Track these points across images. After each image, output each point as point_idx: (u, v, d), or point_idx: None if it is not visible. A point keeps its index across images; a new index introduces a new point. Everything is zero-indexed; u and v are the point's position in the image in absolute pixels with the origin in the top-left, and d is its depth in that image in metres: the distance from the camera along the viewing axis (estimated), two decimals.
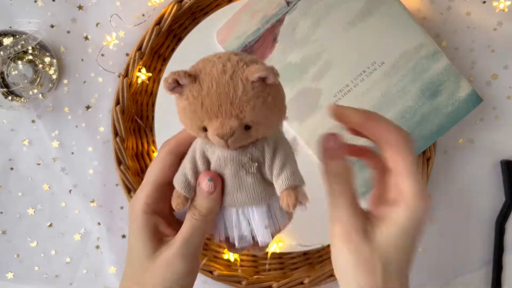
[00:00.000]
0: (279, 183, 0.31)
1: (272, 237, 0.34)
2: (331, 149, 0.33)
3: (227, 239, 0.35)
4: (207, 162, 0.32)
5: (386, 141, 0.32)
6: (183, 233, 0.33)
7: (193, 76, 0.29)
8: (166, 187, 0.34)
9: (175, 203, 0.32)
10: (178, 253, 0.32)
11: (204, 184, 0.32)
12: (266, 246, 0.36)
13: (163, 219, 0.35)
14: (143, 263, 0.33)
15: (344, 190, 0.32)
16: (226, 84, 0.28)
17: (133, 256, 0.34)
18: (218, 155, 0.31)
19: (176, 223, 0.35)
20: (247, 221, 0.33)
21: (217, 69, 0.28)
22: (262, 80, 0.28)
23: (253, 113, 0.28)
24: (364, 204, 0.34)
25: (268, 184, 0.32)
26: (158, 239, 0.34)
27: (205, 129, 0.30)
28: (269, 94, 0.29)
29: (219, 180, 0.32)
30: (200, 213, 0.32)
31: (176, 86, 0.29)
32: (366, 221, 0.32)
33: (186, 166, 0.33)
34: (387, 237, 0.31)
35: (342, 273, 0.32)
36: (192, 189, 0.33)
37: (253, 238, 0.34)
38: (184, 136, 0.35)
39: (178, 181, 0.33)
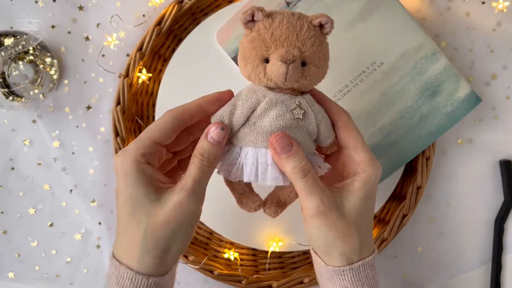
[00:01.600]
0: (324, 139, 0.38)
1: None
2: (286, 147, 0.35)
3: (247, 185, 0.39)
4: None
5: (338, 120, 0.37)
6: (194, 176, 0.35)
7: (267, 13, 0.34)
8: (161, 147, 0.36)
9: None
10: (191, 195, 0.34)
11: (216, 133, 0.35)
12: (284, 205, 0.40)
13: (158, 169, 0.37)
14: (148, 209, 0.34)
15: (312, 180, 0.36)
16: (295, 21, 0.34)
17: (132, 205, 0.35)
18: (270, 96, 0.35)
19: (170, 172, 0.39)
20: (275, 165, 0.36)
21: (287, 12, 0.35)
22: (321, 28, 0.35)
23: (311, 49, 0.34)
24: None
25: (302, 135, 0.36)
26: (157, 186, 0.35)
27: (266, 61, 0.34)
28: (324, 41, 0.36)
29: (227, 130, 0.36)
30: (209, 160, 0.35)
31: (250, 20, 0.34)
32: (335, 198, 0.36)
33: (243, 108, 0.36)
34: (354, 204, 0.36)
35: (322, 247, 0.37)
36: (238, 124, 0.36)
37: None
38: (190, 106, 0.37)
39: (221, 116, 0.36)
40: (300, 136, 0.36)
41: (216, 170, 0.37)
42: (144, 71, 0.54)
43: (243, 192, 0.39)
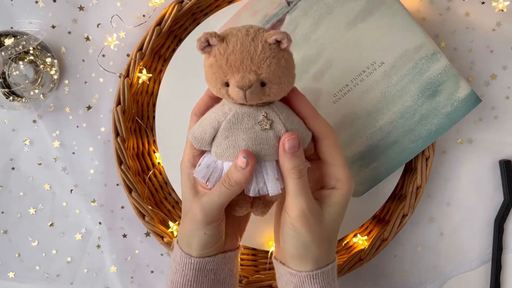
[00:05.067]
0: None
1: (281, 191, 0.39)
2: (294, 147, 0.37)
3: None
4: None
5: (325, 139, 0.39)
6: (210, 194, 0.39)
7: (221, 37, 0.34)
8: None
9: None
10: (199, 207, 0.39)
11: (239, 160, 0.37)
12: (270, 204, 0.42)
13: None
14: (189, 202, 0.41)
15: (304, 182, 0.38)
16: (248, 44, 0.34)
17: (184, 198, 0.43)
18: (236, 110, 0.36)
19: None
20: (262, 173, 0.38)
21: (241, 33, 0.34)
22: (278, 44, 0.34)
23: (268, 70, 0.34)
24: None
25: (276, 143, 0.37)
26: (197, 190, 0.41)
27: (227, 84, 0.35)
28: (283, 57, 0.35)
29: (252, 159, 0.37)
30: (230, 183, 0.38)
31: (206, 46, 0.34)
32: (316, 205, 0.39)
33: (205, 126, 0.38)
34: (332, 215, 0.40)
35: (298, 250, 0.39)
36: (205, 144, 0.38)
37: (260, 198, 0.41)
38: (201, 101, 0.41)
39: (195, 138, 0.39)
40: (272, 147, 0.37)
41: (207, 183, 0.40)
42: (144, 71, 0.54)
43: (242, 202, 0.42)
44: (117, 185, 0.57)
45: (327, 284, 0.40)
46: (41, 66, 0.54)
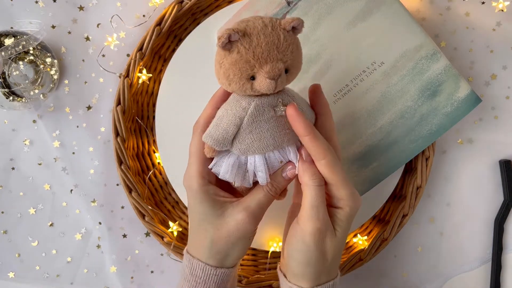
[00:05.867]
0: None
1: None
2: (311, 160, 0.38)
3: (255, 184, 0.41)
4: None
5: (322, 159, 0.38)
6: (259, 200, 0.40)
7: (242, 32, 0.34)
8: (209, 160, 0.40)
9: (209, 153, 0.39)
10: (252, 217, 0.39)
11: (290, 172, 0.39)
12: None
13: (216, 185, 0.41)
14: (213, 223, 0.40)
15: (322, 192, 0.38)
16: (270, 34, 0.34)
17: (200, 219, 0.41)
18: (256, 102, 0.37)
19: (226, 185, 0.41)
20: (286, 156, 0.39)
21: (259, 25, 0.35)
22: (293, 30, 0.35)
23: (292, 57, 0.35)
24: None
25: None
26: (221, 202, 0.40)
27: (252, 78, 0.35)
28: (298, 42, 0.37)
29: (295, 168, 0.39)
30: (276, 191, 0.39)
31: (227, 42, 0.34)
32: (329, 221, 0.39)
33: (226, 126, 0.37)
34: (340, 233, 0.39)
35: (298, 264, 0.39)
36: (227, 144, 0.38)
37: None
38: (205, 114, 0.40)
39: (216, 140, 0.38)
40: (292, 130, 0.38)
41: (233, 183, 0.40)
42: (144, 71, 0.54)
43: (247, 191, 0.42)
44: (117, 185, 0.57)
45: None
46: (41, 66, 0.54)
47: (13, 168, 0.57)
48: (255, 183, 0.41)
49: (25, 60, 0.53)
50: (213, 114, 0.39)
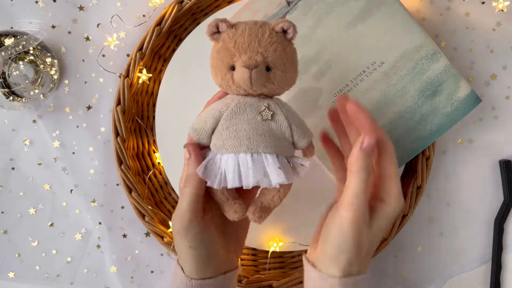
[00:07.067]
0: (300, 139, 0.39)
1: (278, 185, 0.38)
2: (371, 146, 0.37)
3: (237, 190, 0.40)
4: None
5: (383, 149, 0.39)
6: (179, 200, 0.40)
7: (230, 24, 0.36)
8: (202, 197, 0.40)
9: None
10: (173, 216, 0.40)
11: (184, 152, 0.39)
12: (268, 210, 0.40)
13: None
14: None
15: (369, 184, 0.37)
16: (256, 29, 0.36)
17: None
18: (239, 100, 0.37)
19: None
20: (262, 164, 0.37)
21: (251, 21, 0.36)
22: (284, 33, 0.36)
23: (275, 55, 0.35)
24: None
25: (278, 137, 0.37)
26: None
27: (232, 68, 0.36)
28: (288, 46, 0.37)
29: (192, 146, 0.38)
30: (185, 180, 0.39)
31: (215, 32, 0.36)
32: (368, 212, 0.38)
33: (206, 117, 0.38)
34: (378, 228, 0.39)
35: (333, 247, 0.38)
36: (204, 135, 0.38)
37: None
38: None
39: (195, 129, 0.38)
40: (274, 139, 0.37)
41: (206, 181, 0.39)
42: (144, 71, 0.54)
43: (226, 200, 0.40)
44: (117, 185, 0.57)
45: None
46: (41, 66, 0.54)
47: (13, 168, 0.57)
48: (252, 190, 0.40)
49: (25, 60, 0.53)
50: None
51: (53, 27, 0.55)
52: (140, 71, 0.54)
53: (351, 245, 0.37)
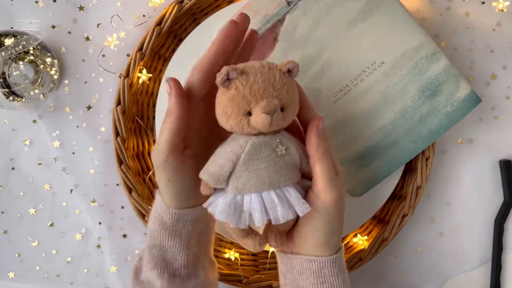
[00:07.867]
0: (306, 165, 0.40)
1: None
2: (324, 129, 0.39)
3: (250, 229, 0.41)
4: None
5: (312, 152, 0.39)
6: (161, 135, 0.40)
7: (240, 70, 0.36)
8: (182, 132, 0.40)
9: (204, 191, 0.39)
10: (153, 151, 0.40)
11: (166, 87, 0.40)
12: (283, 233, 0.41)
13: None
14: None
15: (333, 161, 0.39)
16: (267, 73, 0.36)
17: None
18: (253, 140, 0.37)
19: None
20: (286, 197, 0.37)
21: (256, 65, 0.37)
22: (289, 73, 0.37)
23: (288, 95, 0.37)
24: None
25: (291, 168, 0.38)
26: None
27: (249, 114, 0.36)
28: (293, 84, 0.38)
29: (173, 82, 0.40)
30: (168, 115, 0.39)
31: (226, 79, 0.36)
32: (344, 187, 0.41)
33: (222, 162, 0.37)
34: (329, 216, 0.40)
35: (327, 234, 0.40)
36: (222, 180, 0.38)
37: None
38: (205, 58, 0.40)
39: (211, 175, 0.38)
40: (290, 171, 0.38)
41: (230, 224, 0.38)
42: (144, 71, 0.54)
43: (247, 234, 0.41)
44: (117, 185, 0.57)
45: (342, 267, 0.41)
46: (41, 66, 0.54)
47: (13, 168, 0.57)
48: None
49: (25, 60, 0.53)
50: (213, 59, 0.40)
51: (53, 27, 0.55)
52: (140, 71, 0.54)
53: (338, 226, 0.40)
